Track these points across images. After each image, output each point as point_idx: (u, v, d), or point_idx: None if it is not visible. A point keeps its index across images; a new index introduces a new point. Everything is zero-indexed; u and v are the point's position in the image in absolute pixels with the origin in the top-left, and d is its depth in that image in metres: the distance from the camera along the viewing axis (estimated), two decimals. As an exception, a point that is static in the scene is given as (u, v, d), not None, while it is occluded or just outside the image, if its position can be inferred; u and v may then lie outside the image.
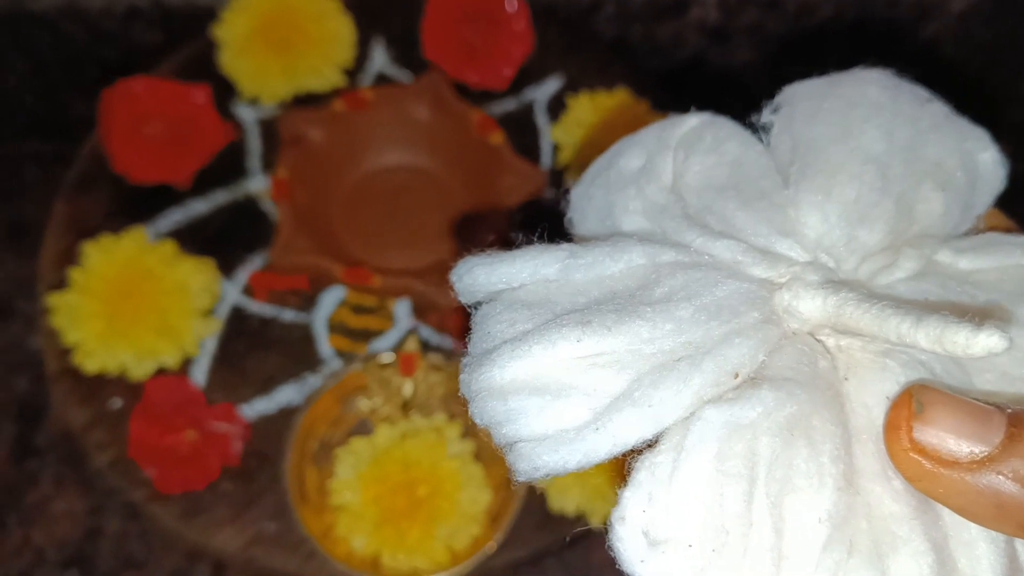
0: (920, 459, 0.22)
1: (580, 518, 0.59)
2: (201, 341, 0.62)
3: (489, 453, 0.60)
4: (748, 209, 0.27)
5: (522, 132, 0.70)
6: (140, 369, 0.61)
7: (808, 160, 0.28)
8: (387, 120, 0.67)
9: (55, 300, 0.62)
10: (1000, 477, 0.21)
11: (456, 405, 0.61)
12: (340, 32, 0.72)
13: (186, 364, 0.62)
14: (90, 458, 0.78)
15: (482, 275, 0.26)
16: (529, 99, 0.73)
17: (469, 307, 0.27)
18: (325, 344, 0.63)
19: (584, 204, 0.30)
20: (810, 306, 0.25)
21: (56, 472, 0.77)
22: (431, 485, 0.56)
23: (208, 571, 0.74)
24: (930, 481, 0.22)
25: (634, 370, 0.23)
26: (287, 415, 0.61)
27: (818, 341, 0.25)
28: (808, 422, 0.23)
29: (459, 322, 0.64)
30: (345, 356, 0.63)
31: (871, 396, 0.24)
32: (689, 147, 0.28)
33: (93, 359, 0.60)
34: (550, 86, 0.73)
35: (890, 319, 0.23)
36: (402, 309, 0.64)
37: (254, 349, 0.63)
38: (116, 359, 0.60)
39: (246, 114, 0.70)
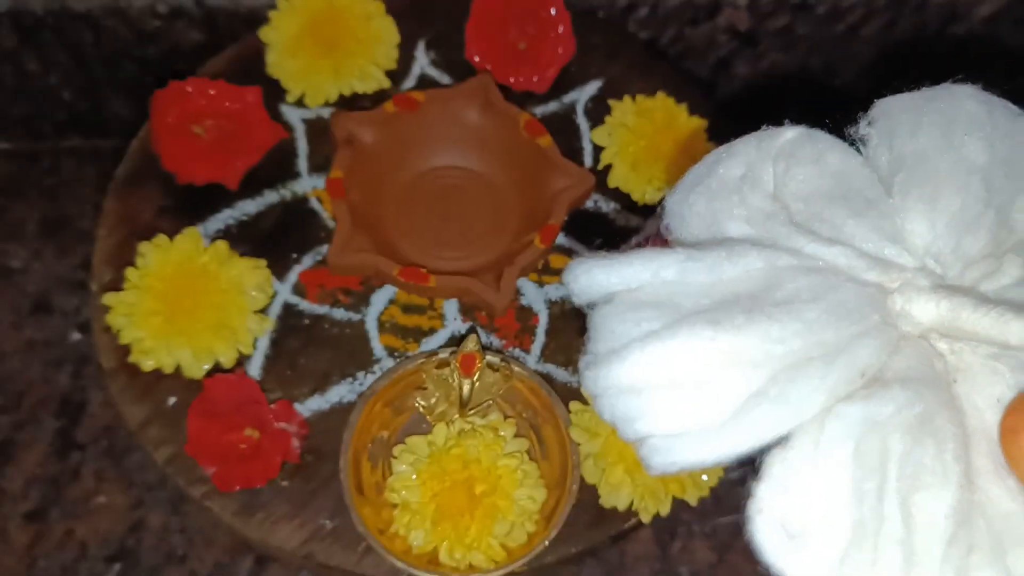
0: None
1: (632, 515, 0.60)
2: (255, 340, 0.63)
3: (543, 451, 0.61)
4: (858, 217, 0.28)
5: (563, 134, 0.71)
6: (196, 367, 0.61)
7: (913, 171, 0.28)
8: (437, 121, 0.68)
9: (111, 299, 0.62)
10: None
11: (509, 405, 0.62)
12: (384, 34, 0.72)
13: (241, 362, 0.63)
14: (133, 452, 0.79)
15: (600, 276, 0.27)
16: (570, 101, 0.74)
17: (584, 308, 0.27)
18: (377, 343, 0.64)
19: (684, 211, 0.31)
20: (924, 310, 0.26)
21: (97, 467, 0.78)
22: (489, 483, 0.57)
23: (250, 565, 0.75)
24: None
25: (767, 369, 0.24)
26: (341, 413, 0.62)
27: (930, 344, 0.26)
28: (933, 421, 0.24)
29: (512, 323, 0.65)
30: (397, 355, 0.64)
31: (981, 398, 0.25)
32: (789, 157, 0.29)
33: (150, 357, 0.61)
34: (591, 88, 0.74)
35: (1011, 322, 0.24)
36: (450, 308, 0.65)
37: (306, 348, 0.64)
38: (173, 357, 0.61)
39: (292, 115, 0.71)
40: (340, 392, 0.63)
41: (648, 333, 0.25)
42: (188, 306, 0.62)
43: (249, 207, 0.68)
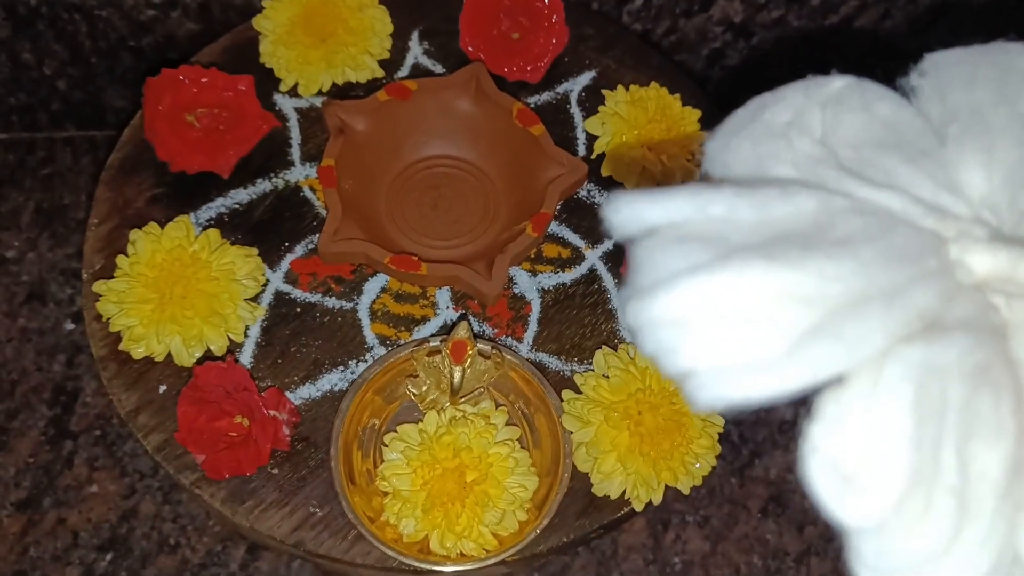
0: None
1: (624, 503, 0.60)
2: (247, 328, 0.63)
3: (535, 440, 0.61)
4: (911, 164, 0.27)
5: (556, 124, 0.71)
6: (187, 355, 0.61)
7: (969, 122, 0.28)
8: (430, 110, 0.68)
9: (102, 286, 0.62)
10: None
11: (501, 394, 0.62)
12: (378, 23, 0.73)
13: (232, 351, 0.63)
14: (126, 441, 0.79)
15: (644, 208, 0.26)
16: (563, 91, 0.74)
17: (623, 241, 0.26)
18: (369, 331, 0.64)
19: (726, 156, 0.30)
20: (981, 260, 0.25)
21: (90, 455, 0.78)
22: (480, 471, 0.57)
23: (242, 554, 0.75)
24: None
25: (823, 306, 0.23)
26: (332, 400, 0.62)
27: (985, 296, 0.26)
28: (991, 372, 0.24)
29: (505, 312, 0.65)
30: (389, 343, 0.64)
31: None
32: (838, 104, 0.28)
33: (141, 345, 0.61)
34: (584, 79, 0.74)
35: None
36: (443, 297, 0.65)
37: (298, 336, 0.64)
38: (164, 345, 0.61)
39: (285, 104, 0.71)
40: (331, 380, 0.63)
41: (696, 265, 0.24)
42: (179, 294, 0.62)
43: (241, 196, 0.68)
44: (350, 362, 0.63)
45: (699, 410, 0.23)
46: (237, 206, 0.68)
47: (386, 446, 0.59)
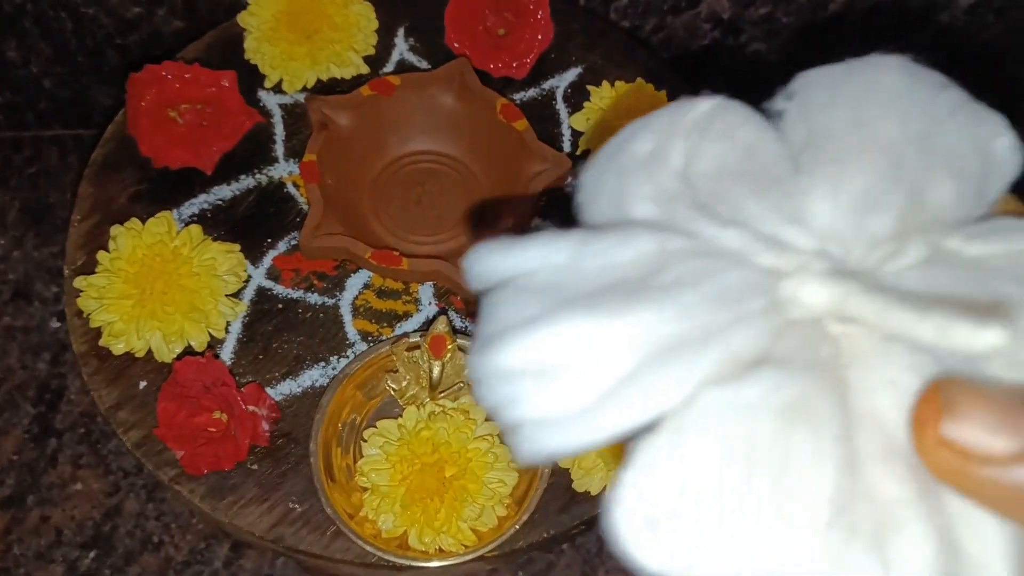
0: (949, 455, 0.22)
1: (604, 499, 0.60)
2: (228, 324, 0.63)
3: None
4: (759, 197, 0.27)
5: (542, 120, 0.71)
6: (167, 351, 0.61)
7: (821, 148, 0.27)
8: (413, 106, 0.68)
9: (82, 282, 0.62)
10: None
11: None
12: (362, 20, 0.72)
13: (213, 346, 0.63)
14: (111, 439, 0.78)
15: (496, 261, 0.26)
16: (549, 88, 0.73)
17: (482, 294, 0.27)
18: (350, 327, 0.64)
19: (595, 189, 0.30)
20: (815, 296, 0.25)
21: (74, 453, 0.78)
22: (459, 466, 0.57)
23: (226, 551, 0.75)
24: (959, 476, 0.22)
25: (640, 354, 0.23)
26: (313, 396, 0.62)
27: (821, 328, 0.25)
28: (809, 405, 0.23)
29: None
30: (370, 339, 0.63)
31: (874, 381, 0.24)
32: (701, 132, 0.28)
33: (121, 340, 0.61)
34: (570, 75, 0.74)
35: (894, 311, 0.24)
36: (425, 293, 0.65)
37: (280, 332, 0.64)
38: (144, 340, 0.61)
39: (270, 100, 0.71)
40: (312, 376, 0.63)
41: (528, 318, 0.24)
42: (159, 290, 0.61)
43: (224, 192, 0.68)
44: (331, 358, 0.63)
45: (523, 464, 0.24)
46: (220, 202, 0.67)
47: (365, 441, 0.59)
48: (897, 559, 0.23)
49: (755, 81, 0.92)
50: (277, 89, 0.71)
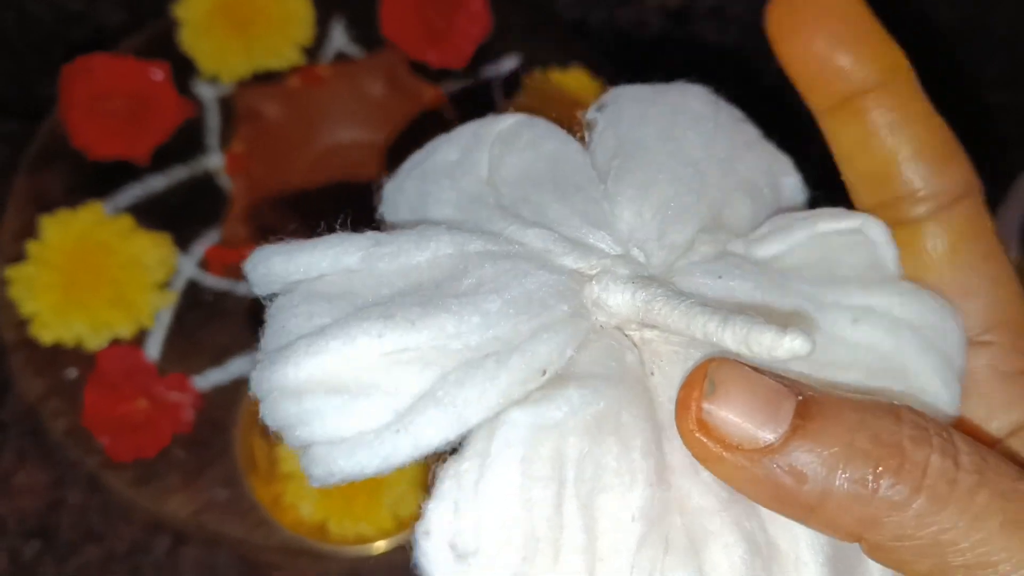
0: (706, 440, 0.21)
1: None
2: (156, 313, 0.63)
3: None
4: (563, 201, 0.27)
5: (480, 110, 0.71)
6: (95, 340, 0.62)
7: (631, 157, 0.27)
8: (343, 96, 0.68)
9: (12, 272, 0.62)
10: (777, 468, 0.21)
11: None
12: (299, 11, 0.73)
13: (142, 336, 0.63)
14: (49, 429, 0.78)
15: (279, 264, 0.24)
16: (487, 77, 0.74)
17: (264, 299, 0.25)
18: (279, 316, 0.64)
19: (396, 196, 0.29)
20: (619, 300, 0.24)
21: (19, 445, 0.78)
22: (377, 452, 0.57)
23: (168, 543, 0.75)
24: (715, 463, 0.22)
25: (439, 367, 0.22)
26: (240, 386, 0.62)
27: (626, 336, 0.25)
28: (617, 419, 0.23)
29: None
30: (298, 328, 0.64)
31: (674, 390, 0.24)
32: (506, 142, 0.28)
33: (49, 330, 0.61)
34: (507, 65, 0.74)
35: (697, 317, 0.23)
36: (356, 283, 0.65)
37: (209, 321, 0.64)
38: (72, 330, 0.61)
39: (205, 92, 0.71)
40: (241, 366, 0.63)
41: (317, 329, 0.23)
42: (87, 280, 0.62)
43: (158, 183, 0.68)
44: (259, 347, 0.63)
45: (316, 485, 0.22)
46: (153, 193, 0.68)
47: (286, 428, 0.59)
48: (710, 570, 0.22)
49: (704, 73, 0.92)
50: (213, 80, 0.71)
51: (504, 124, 0.28)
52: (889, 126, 0.26)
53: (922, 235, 0.26)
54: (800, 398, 0.21)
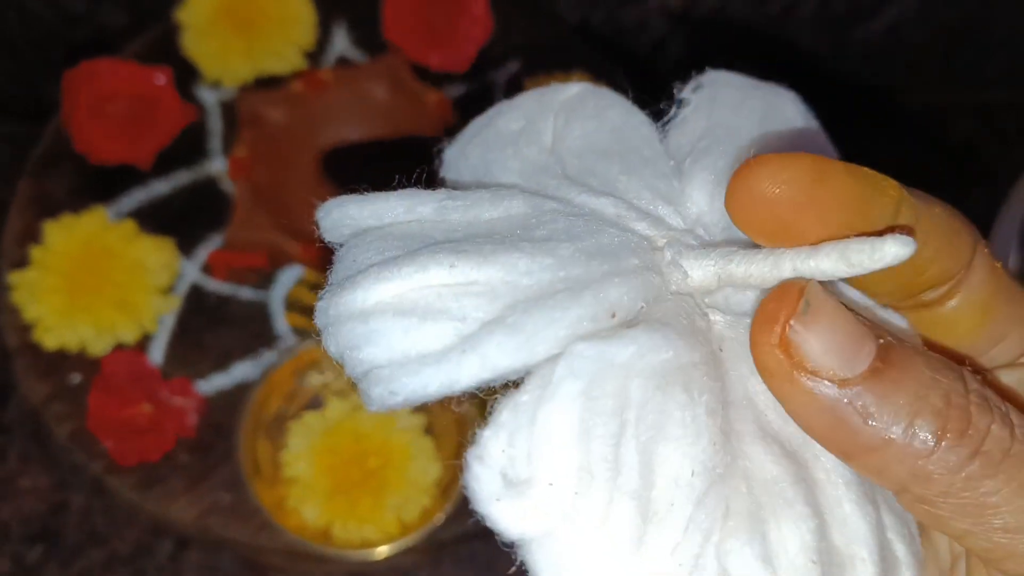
0: (783, 357, 0.21)
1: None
2: (160, 318, 0.64)
3: (440, 426, 0.61)
4: (631, 174, 0.27)
5: (480, 114, 0.71)
6: (99, 345, 0.62)
7: (718, 142, 0.28)
8: (345, 100, 0.68)
9: (16, 277, 0.63)
10: (847, 405, 0.21)
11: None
12: (302, 14, 0.73)
13: (145, 340, 0.63)
14: (52, 432, 0.79)
15: (353, 209, 0.25)
16: (489, 81, 0.74)
17: (335, 245, 0.25)
18: (282, 321, 0.64)
19: (459, 163, 0.29)
20: (693, 263, 0.24)
21: (22, 448, 0.78)
22: (382, 457, 0.58)
23: (171, 546, 0.75)
24: (782, 381, 0.22)
25: (509, 300, 0.22)
26: (244, 390, 0.62)
27: (696, 303, 0.25)
28: (685, 372, 0.22)
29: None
30: (301, 333, 0.64)
31: (746, 368, 0.24)
32: (570, 111, 0.28)
33: (53, 335, 0.62)
34: (509, 68, 0.74)
35: (783, 257, 0.23)
36: (359, 287, 0.65)
37: (212, 326, 0.64)
38: (76, 335, 0.62)
39: (208, 96, 0.71)
40: (244, 370, 0.63)
41: (389, 258, 0.23)
42: (91, 284, 0.62)
43: (161, 187, 0.68)
44: (263, 352, 0.63)
45: (375, 408, 0.22)
46: (157, 197, 0.68)
47: (290, 433, 0.59)
48: (776, 540, 0.22)
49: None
50: (215, 84, 0.71)
51: (569, 93, 0.28)
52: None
53: (955, 314, 0.25)
54: (881, 342, 0.22)
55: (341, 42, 0.74)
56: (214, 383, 0.63)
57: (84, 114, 0.67)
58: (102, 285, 0.62)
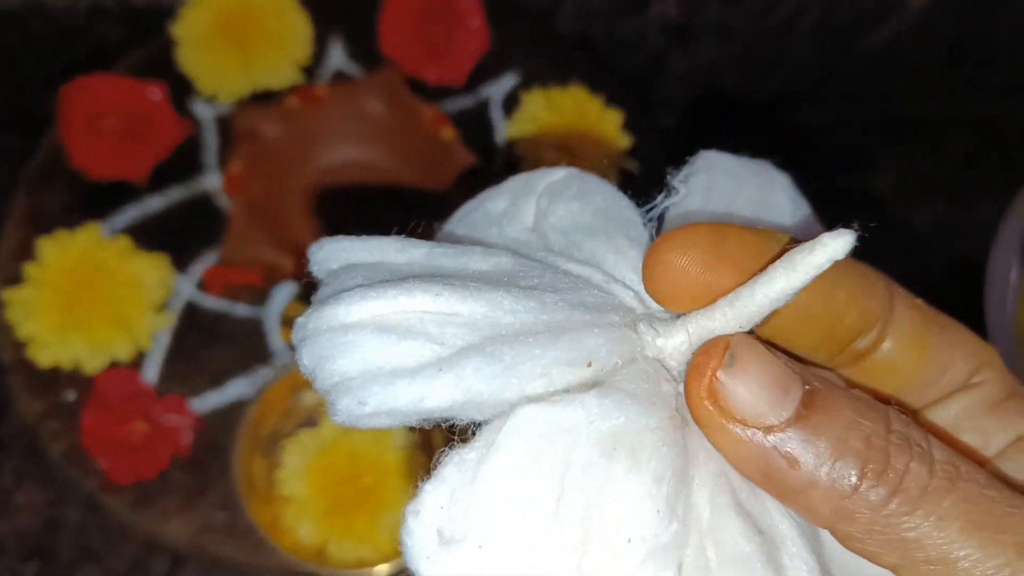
0: (712, 409, 0.22)
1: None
2: (155, 335, 0.63)
3: (435, 444, 0.61)
4: (617, 254, 0.27)
5: (478, 128, 0.71)
6: (94, 362, 0.61)
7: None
8: (341, 116, 0.68)
9: (10, 294, 0.62)
10: (773, 449, 0.22)
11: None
12: (298, 29, 0.72)
13: (139, 358, 0.63)
14: (47, 449, 0.78)
15: (346, 244, 0.25)
16: (485, 95, 0.73)
17: (322, 279, 0.25)
18: (277, 338, 0.64)
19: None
20: (666, 326, 0.25)
21: (17, 465, 0.77)
22: (377, 475, 0.57)
23: (166, 564, 0.75)
24: (715, 431, 0.22)
25: (489, 333, 0.22)
26: (239, 408, 0.62)
27: (666, 369, 0.25)
28: (636, 438, 0.22)
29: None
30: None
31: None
32: (554, 193, 0.29)
33: (47, 352, 0.61)
34: (506, 83, 0.74)
35: (741, 292, 0.23)
36: (355, 303, 0.65)
37: (207, 343, 0.64)
38: (70, 352, 0.61)
39: (203, 111, 0.71)
40: (239, 387, 0.63)
41: (376, 282, 0.23)
42: (86, 301, 0.62)
43: (156, 203, 0.68)
44: (258, 369, 0.63)
45: (340, 421, 0.22)
46: (152, 213, 0.68)
47: (284, 452, 0.59)
48: None
49: (707, 87, 0.92)
50: (211, 100, 0.71)
51: (554, 176, 0.29)
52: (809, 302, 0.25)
53: (892, 356, 0.26)
54: (807, 388, 0.22)
55: (338, 56, 0.74)
56: (209, 401, 0.62)
57: (79, 129, 0.67)
58: (97, 302, 0.62)
